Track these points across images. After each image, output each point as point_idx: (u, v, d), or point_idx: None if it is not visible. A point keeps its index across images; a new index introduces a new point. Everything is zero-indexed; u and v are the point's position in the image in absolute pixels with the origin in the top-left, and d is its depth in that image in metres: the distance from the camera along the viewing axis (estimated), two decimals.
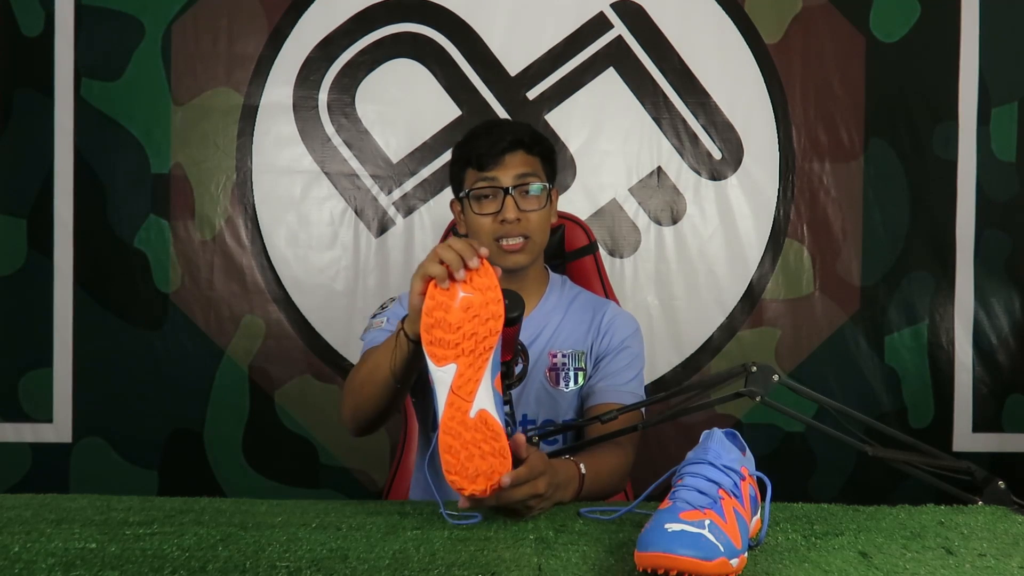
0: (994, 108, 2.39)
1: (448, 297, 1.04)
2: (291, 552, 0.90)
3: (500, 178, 1.42)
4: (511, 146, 1.43)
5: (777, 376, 1.18)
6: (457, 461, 1.00)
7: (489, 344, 1.03)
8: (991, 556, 0.94)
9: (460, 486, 1.00)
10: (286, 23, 2.34)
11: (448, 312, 1.03)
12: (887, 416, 2.36)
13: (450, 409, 1.01)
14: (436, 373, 1.02)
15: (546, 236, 1.48)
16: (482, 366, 1.02)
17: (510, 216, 1.40)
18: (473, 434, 1.00)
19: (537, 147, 1.47)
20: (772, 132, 2.38)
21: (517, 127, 1.49)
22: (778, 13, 2.38)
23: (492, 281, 1.06)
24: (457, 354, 1.02)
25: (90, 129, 2.31)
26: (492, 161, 1.42)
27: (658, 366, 2.35)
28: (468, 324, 1.03)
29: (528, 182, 1.43)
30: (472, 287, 1.05)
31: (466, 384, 1.01)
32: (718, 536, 0.80)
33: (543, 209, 1.44)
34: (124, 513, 1.07)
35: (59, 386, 2.31)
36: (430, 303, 1.04)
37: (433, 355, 1.02)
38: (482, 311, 1.03)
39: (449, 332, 1.02)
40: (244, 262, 2.34)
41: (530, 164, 1.44)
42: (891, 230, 2.39)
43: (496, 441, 1.00)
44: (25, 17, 2.30)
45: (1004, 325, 2.40)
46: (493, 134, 1.44)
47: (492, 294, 1.04)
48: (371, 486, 2.33)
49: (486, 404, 1.01)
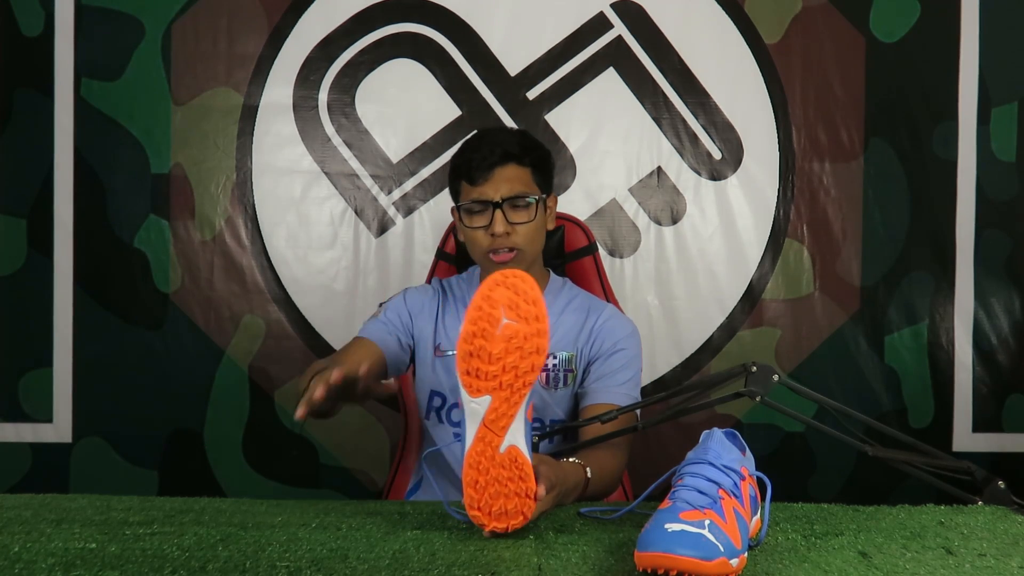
0: (994, 108, 2.39)
1: (490, 324, 0.97)
2: (291, 552, 0.90)
3: (489, 193, 1.43)
4: (501, 159, 1.44)
5: (777, 376, 1.18)
6: (481, 498, 0.96)
7: (529, 380, 0.97)
8: (991, 556, 0.94)
9: (482, 523, 0.97)
10: (286, 23, 2.33)
11: (489, 341, 0.96)
12: (887, 416, 2.36)
13: (480, 443, 0.96)
14: (469, 404, 0.97)
15: (538, 245, 1.49)
16: (519, 401, 0.96)
17: (499, 230, 1.42)
18: (500, 471, 0.96)
19: (528, 157, 1.47)
20: (772, 132, 2.38)
21: (508, 138, 1.48)
22: (778, 13, 2.38)
23: (541, 311, 0.98)
24: (494, 386, 0.96)
25: (90, 129, 2.31)
26: (482, 176, 1.43)
27: (658, 366, 2.35)
28: (510, 356, 0.96)
29: (517, 196, 1.43)
30: (518, 315, 0.97)
31: (500, 419, 0.96)
32: (718, 536, 0.80)
33: (533, 221, 1.45)
34: (124, 513, 1.07)
35: (59, 386, 2.31)
36: (471, 328, 0.97)
37: (468, 385, 0.97)
38: (525, 344, 0.96)
39: (489, 363, 0.96)
40: (244, 262, 2.34)
41: (520, 176, 1.45)
42: (891, 230, 2.39)
43: (524, 482, 0.96)
44: (25, 17, 2.29)
45: (1004, 325, 2.40)
46: (483, 148, 1.45)
47: (538, 326, 0.97)
48: (371, 486, 2.32)
49: (517, 440, 0.97)
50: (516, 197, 1.44)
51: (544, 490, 0.99)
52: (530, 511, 0.98)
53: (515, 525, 0.97)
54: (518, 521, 0.97)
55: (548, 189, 1.52)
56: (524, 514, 0.97)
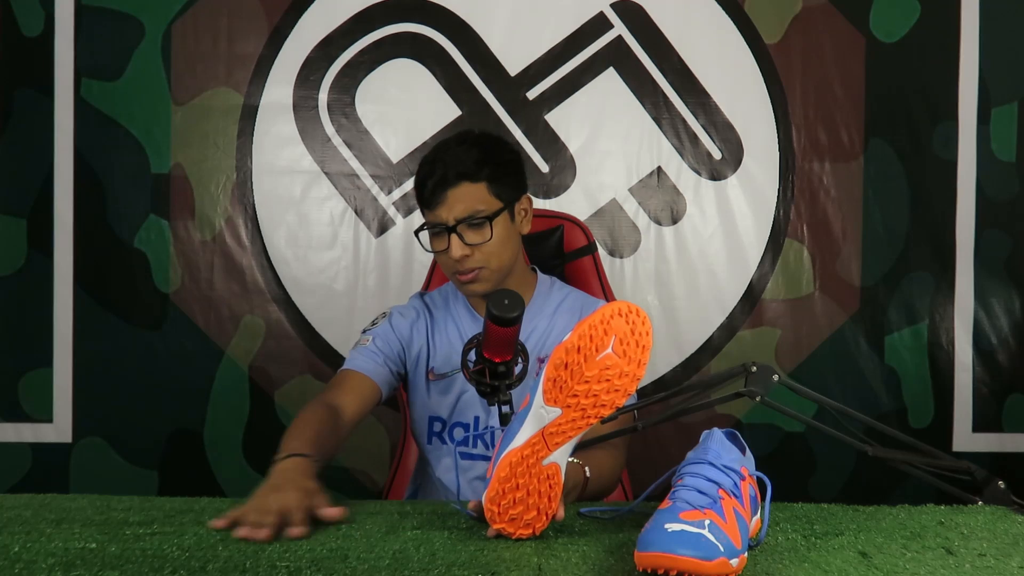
0: (994, 108, 2.39)
1: (596, 347, 0.95)
2: (291, 552, 0.90)
3: (443, 215, 1.39)
4: (455, 180, 1.38)
5: (777, 376, 1.18)
6: (505, 497, 0.96)
7: (603, 413, 0.97)
8: (991, 556, 0.94)
9: (493, 518, 0.97)
10: (286, 23, 2.33)
11: (587, 361, 0.95)
12: (887, 416, 2.36)
13: (529, 448, 0.96)
14: (538, 409, 0.97)
15: (506, 258, 1.43)
16: (583, 427, 0.97)
17: (456, 255, 1.38)
18: (535, 483, 0.96)
19: (484, 171, 1.40)
20: (772, 132, 2.38)
21: (461, 154, 1.40)
22: (778, 13, 2.38)
23: (645, 358, 0.97)
24: (570, 404, 0.96)
25: (90, 129, 2.31)
26: (436, 200, 1.39)
27: (658, 366, 2.35)
28: (598, 384, 0.95)
29: (470, 217, 1.38)
30: (623, 351, 0.96)
31: (559, 435, 0.96)
32: (718, 536, 0.80)
33: (491, 240, 1.39)
34: (124, 513, 1.07)
35: (59, 386, 2.31)
36: (576, 342, 0.96)
37: (548, 392, 0.96)
38: (617, 380, 0.96)
39: (578, 382, 0.95)
40: (244, 262, 2.34)
41: (474, 194, 1.39)
42: (891, 230, 2.39)
43: (550, 502, 0.97)
44: (25, 17, 2.30)
45: (1004, 325, 2.40)
46: (436, 170, 1.40)
47: (637, 371, 0.97)
48: (371, 486, 2.32)
49: (561, 460, 0.98)
50: (469, 218, 1.39)
51: (563, 514, 1.00)
52: (541, 528, 0.98)
53: (522, 535, 0.98)
54: (527, 532, 0.98)
55: (515, 194, 1.45)
56: (535, 528, 0.98)
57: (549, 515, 0.98)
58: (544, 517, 0.98)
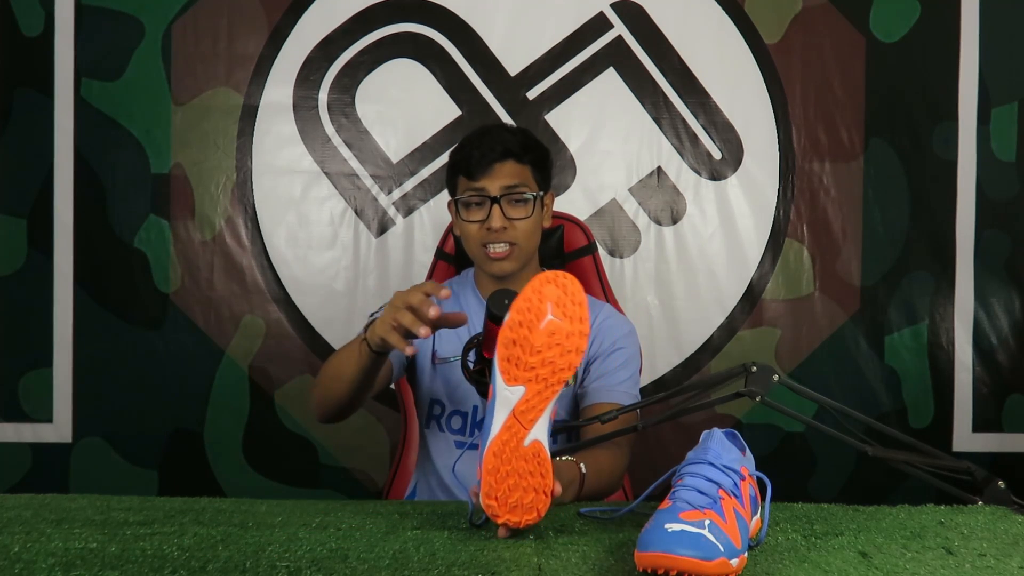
0: (994, 108, 2.39)
1: (536, 316, 0.98)
2: (291, 552, 0.90)
3: (488, 187, 1.45)
4: (501, 156, 1.45)
5: (777, 376, 1.18)
6: (500, 487, 0.97)
7: (563, 377, 0.99)
8: (991, 556, 0.94)
9: (495, 512, 0.98)
10: (286, 23, 2.33)
11: (532, 332, 0.98)
12: (887, 416, 2.36)
13: (506, 432, 0.98)
14: (502, 392, 0.99)
15: (534, 242, 1.50)
16: (550, 396, 0.99)
17: (496, 225, 1.43)
18: (523, 464, 0.97)
19: (528, 155, 1.48)
20: (772, 132, 2.38)
21: (508, 136, 1.49)
22: (778, 13, 2.38)
23: (584, 314, 1.00)
24: (530, 378, 0.98)
25: (90, 129, 2.31)
26: (481, 171, 1.45)
27: (658, 366, 2.35)
28: (550, 351, 0.98)
29: (516, 192, 1.45)
30: (563, 313, 0.99)
31: (530, 411, 0.98)
32: (718, 536, 0.80)
33: (531, 217, 1.46)
34: (124, 513, 1.07)
35: (59, 386, 2.31)
36: (517, 317, 0.99)
37: (506, 372, 0.98)
38: (566, 341, 0.98)
39: (530, 354, 0.98)
40: (244, 262, 2.34)
41: (519, 173, 1.47)
42: (891, 230, 2.39)
43: (543, 478, 0.98)
44: (25, 17, 2.29)
45: (1004, 325, 2.40)
46: (484, 144, 1.46)
47: (581, 327, 0.99)
48: (371, 486, 2.33)
49: (541, 436, 0.99)
50: (514, 193, 1.45)
51: (560, 488, 1.01)
52: (544, 508, 0.98)
53: (528, 521, 0.98)
54: (532, 517, 0.98)
55: (546, 187, 1.53)
56: (539, 510, 0.98)
57: (547, 492, 0.99)
58: (544, 496, 0.98)
